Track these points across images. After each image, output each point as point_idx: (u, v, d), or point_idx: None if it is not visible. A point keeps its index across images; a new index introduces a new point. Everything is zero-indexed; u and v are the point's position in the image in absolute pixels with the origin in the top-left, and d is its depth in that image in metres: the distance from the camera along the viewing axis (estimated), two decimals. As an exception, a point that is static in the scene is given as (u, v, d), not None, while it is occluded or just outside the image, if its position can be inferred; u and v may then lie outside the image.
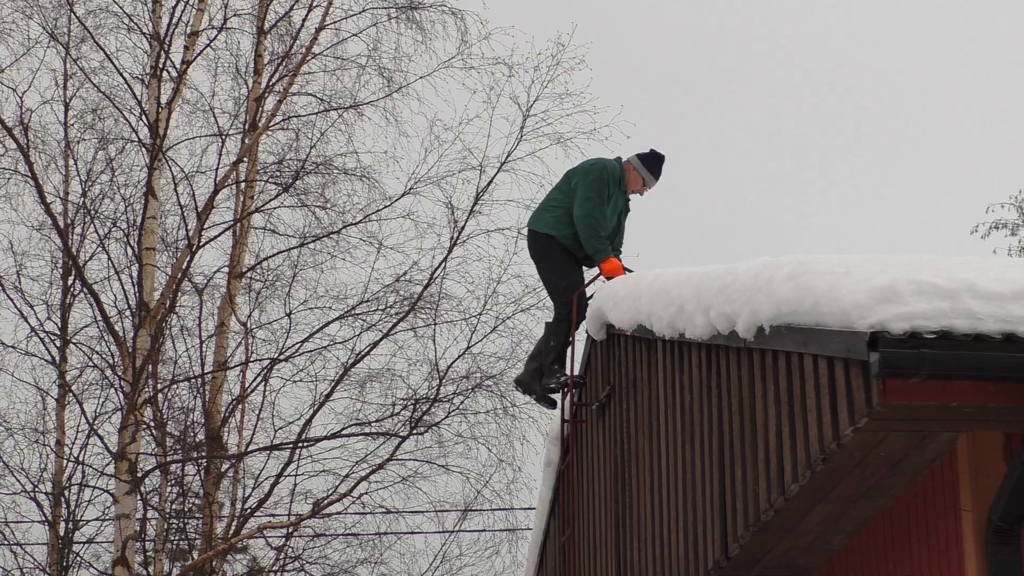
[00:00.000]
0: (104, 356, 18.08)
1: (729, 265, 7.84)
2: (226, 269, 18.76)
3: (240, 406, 18.43)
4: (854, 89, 57.47)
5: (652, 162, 11.39)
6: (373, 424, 17.87)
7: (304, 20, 18.84)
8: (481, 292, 18.10)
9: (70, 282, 19.19)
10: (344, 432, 17.70)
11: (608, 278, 10.94)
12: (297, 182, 18.49)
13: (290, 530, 18.30)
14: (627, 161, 11.41)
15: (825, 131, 56.85)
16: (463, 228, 17.97)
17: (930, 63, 57.25)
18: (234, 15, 18.72)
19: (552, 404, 11.30)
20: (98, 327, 18.10)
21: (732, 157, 56.20)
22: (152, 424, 18.09)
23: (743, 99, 57.77)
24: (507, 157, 18.02)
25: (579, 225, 11.12)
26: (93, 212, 18.14)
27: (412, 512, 19.05)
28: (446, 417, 17.93)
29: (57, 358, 18.94)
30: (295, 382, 18.43)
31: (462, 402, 18.05)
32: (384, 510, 18.61)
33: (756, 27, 57.16)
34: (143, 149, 17.56)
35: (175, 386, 18.49)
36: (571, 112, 18.13)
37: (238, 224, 18.60)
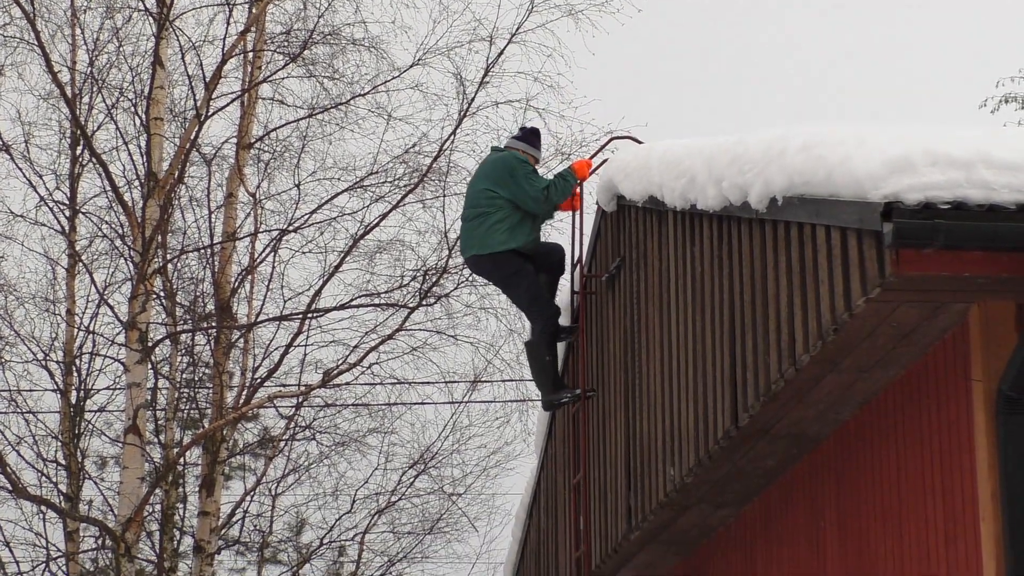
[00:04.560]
0: (113, 226, 18.11)
1: (741, 135, 7.80)
2: (234, 140, 18.68)
3: (249, 276, 18.47)
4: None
5: (534, 139, 11.23)
6: (382, 295, 17.92)
7: None
8: (490, 164, 18.01)
9: (79, 152, 19.15)
10: (353, 303, 17.76)
11: (583, 181, 10.90)
12: (305, 52, 18.36)
13: (300, 399, 18.44)
14: (510, 147, 11.12)
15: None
16: (472, 100, 17.86)
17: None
18: None
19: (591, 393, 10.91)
20: (107, 197, 18.12)
21: (748, 27, 55.69)
22: (162, 294, 18.16)
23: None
24: (517, 28, 17.84)
25: (541, 207, 10.76)
26: (101, 82, 18.05)
27: (422, 383, 19.20)
28: (455, 288, 17.97)
29: (67, 228, 18.96)
30: (304, 253, 18.48)
31: (471, 273, 18.07)
32: (394, 380, 18.74)
33: None
34: (150, 18, 17.42)
35: (184, 256, 18.54)
36: (583, -16, 17.92)
37: (246, 94, 18.48)
